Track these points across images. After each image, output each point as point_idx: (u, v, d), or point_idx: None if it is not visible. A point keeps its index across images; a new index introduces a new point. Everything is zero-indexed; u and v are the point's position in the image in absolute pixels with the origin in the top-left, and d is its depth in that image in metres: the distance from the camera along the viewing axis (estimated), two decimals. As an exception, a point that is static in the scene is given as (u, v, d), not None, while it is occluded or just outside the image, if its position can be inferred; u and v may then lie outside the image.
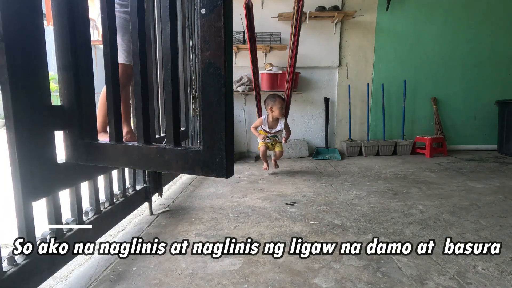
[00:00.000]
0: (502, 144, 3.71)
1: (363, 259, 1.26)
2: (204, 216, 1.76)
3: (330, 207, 1.90)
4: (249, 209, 1.88)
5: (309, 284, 1.09)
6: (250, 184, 2.48)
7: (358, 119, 3.92)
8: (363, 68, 3.84)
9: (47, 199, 1.03)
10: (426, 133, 3.92)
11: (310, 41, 3.70)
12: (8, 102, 0.84)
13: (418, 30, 3.79)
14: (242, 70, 3.74)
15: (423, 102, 3.94)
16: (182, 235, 1.50)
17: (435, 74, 3.89)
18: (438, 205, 1.91)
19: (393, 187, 2.33)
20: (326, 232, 1.53)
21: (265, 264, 1.23)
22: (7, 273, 0.84)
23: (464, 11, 3.78)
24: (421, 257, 1.27)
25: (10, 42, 0.82)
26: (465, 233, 1.50)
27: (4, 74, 0.82)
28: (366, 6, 3.69)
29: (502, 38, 3.85)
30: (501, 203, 1.94)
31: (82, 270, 1.21)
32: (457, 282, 1.09)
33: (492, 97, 3.90)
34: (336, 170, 2.96)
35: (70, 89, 1.02)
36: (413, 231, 1.53)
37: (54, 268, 1.04)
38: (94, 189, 1.31)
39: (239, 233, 1.53)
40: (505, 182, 2.45)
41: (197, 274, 1.16)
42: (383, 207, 1.89)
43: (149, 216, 1.77)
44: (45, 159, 0.95)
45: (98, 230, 1.30)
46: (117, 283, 1.11)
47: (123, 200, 1.54)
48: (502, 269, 1.17)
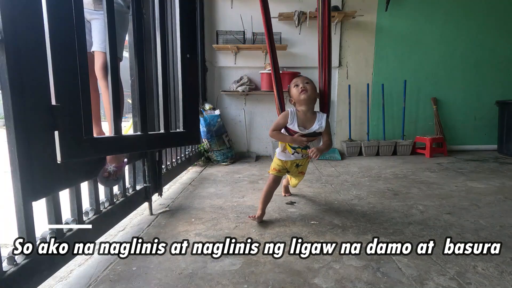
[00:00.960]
0: (502, 144, 3.71)
1: (363, 259, 1.26)
2: (204, 216, 1.76)
3: (330, 207, 1.90)
4: (249, 209, 1.88)
5: (309, 284, 1.09)
6: (250, 184, 2.48)
7: (358, 119, 3.92)
8: (363, 68, 3.84)
9: (47, 199, 1.03)
10: (426, 133, 3.92)
11: (310, 41, 3.70)
12: (8, 102, 0.83)
13: (418, 30, 3.79)
14: (242, 70, 3.74)
15: (423, 102, 3.94)
16: (182, 235, 1.50)
17: (435, 74, 3.89)
18: (438, 205, 1.91)
19: (393, 187, 2.33)
20: (326, 232, 1.53)
21: (265, 264, 1.23)
22: (7, 273, 0.85)
23: (464, 11, 3.78)
24: (421, 257, 1.27)
25: (10, 42, 0.82)
26: (465, 233, 1.50)
27: (4, 74, 0.82)
28: (366, 6, 3.69)
29: (502, 38, 3.85)
30: (501, 203, 1.94)
31: (82, 270, 1.21)
32: (457, 282, 1.09)
33: (492, 97, 3.90)
34: (336, 170, 2.96)
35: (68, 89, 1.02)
36: (413, 231, 1.53)
37: (54, 268, 1.04)
38: (94, 189, 1.31)
39: (239, 233, 1.53)
40: (505, 182, 2.44)
41: (197, 274, 1.16)
42: (383, 207, 1.89)
43: (149, 216, 1.77)
44: (45, 159, 0.95)
45: (98, 230, 1.31)
46: (117, 283, 1.11)
47: (123, 200, 1.54)
48: (502, 269, 1.17)
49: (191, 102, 1.56)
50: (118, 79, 1.23)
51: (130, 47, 1.63)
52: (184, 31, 1.47)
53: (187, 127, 1.53)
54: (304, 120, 1.62)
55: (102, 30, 1.57)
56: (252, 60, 3.70)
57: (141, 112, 1.37)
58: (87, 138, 1.07)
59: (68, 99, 1.01)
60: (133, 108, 1.68)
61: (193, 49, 1.54)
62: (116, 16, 1.61)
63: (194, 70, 1.57)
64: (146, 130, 1.39)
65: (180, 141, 1.66)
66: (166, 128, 1.47)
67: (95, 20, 1.43)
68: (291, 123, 1.61)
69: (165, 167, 2.18)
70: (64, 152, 1.00)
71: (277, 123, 1.64)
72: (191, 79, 1.53)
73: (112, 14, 1.16)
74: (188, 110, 1.53)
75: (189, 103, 1.53)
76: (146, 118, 1.40)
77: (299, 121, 1.61)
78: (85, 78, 1.07)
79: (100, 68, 1.38)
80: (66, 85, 1.00)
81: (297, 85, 1.61)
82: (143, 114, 1.38)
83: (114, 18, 1.17)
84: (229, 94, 3.73)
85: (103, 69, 1.61)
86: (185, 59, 1.48)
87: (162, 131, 1.46)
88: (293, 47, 3.69)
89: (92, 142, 1.10)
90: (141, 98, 1.37)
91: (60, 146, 0.99)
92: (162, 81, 1.43)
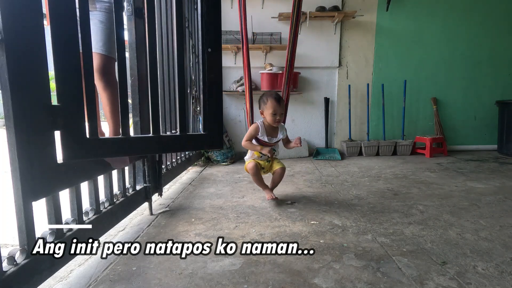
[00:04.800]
0: (502, 144, 3.71)
1: (363, 259, 1.26)
2: (204, 216, 1.76)
3: (330, 207, 1.90)
4: (249, 209, 1.88)
5: (309, 284, 1.09)
6: (250, 184, 2.48)
7: (358, 119, 3.92)
8: (363, 68, 3.84)
9: (47, 199, 1.03)
10: (426, 133, 3.92)
11: (310, 41, 3.70)
12: (8, 102, 0.83)
13: (418, 30, 3.79)
14: (242, 70, 3.73)
15: (423, 102, 3.94)
16: (182, 235, 1.50)
17: (435, 74, 3.89)
18: (438, 205, 1.91)
19: (393, 187, 2.33)
20: (326, 232, 1.53)
21: (265, 264, 1.23)
22: (7, 273, 0.84)
23: (464, 11, 3.78)
24: (421, 257, 1.27)
25: (10, 42, 0.82)
26: (465, 233, 1.50)
27: (4, 74, 0.82)
28: (366, 6, 3.69)
29: (502, 38, 3.85)
30: (501, 203, 1.94)
31: (82, 270, 1.20)
32: (457, 282, 1.09)
33: (492, 97, 3.90)
34: (336, 170, 2.96)
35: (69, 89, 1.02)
36: (413, 231, 1.53)
37: (54, 268, 1.04)
38: (94, 189, 1.31)
39: (239, 233, 1.53)
40: (505, 182, 2.44)
41: (197, 274, 1.16)
42: (383, 207, 1.89)
43: (149, 216, 1.77)
44: (45, 159, 0.95)
45: (98, 230, 1.31)
46: (117, 283, 1.11)
47: (123, 200, 1.54)
48: (502, 269, 1.17)
49: (213, 102, 1.39)
50: (120, 79, 1.23)
51: (131, 47, 1.63)
52: (206, 23, 1.34)
53: (208, 129, 1.39)
54: (271, 132, 1.97)
55: (97, 31, 1.56)
56: (252, 60, 3.66)
57: (152, 111, 1.31)
58: (90, 138, 1.07)
59: (69, 99, 1.01)
60: (134, 108, 1.68)
61: (216, 43, 1.37)
62: (108, 15, 1.61)
63: (217, 66, 1.39)
64: (158, 132, 1.33)
65: (198, 145, 1.49)
66: (182, 130, 1.37)
67: (90, 21, 1.43)
68: (261, 135, 1.93)
69: (165, 167, 2.18)
70: (66, 152, 1.00)
71: (249, 134, 1.94)
72: (212, 76, 1.37)
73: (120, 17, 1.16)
74: (210, 111, 1.38)
75: (210, 103, 1.38)
76: (158, 118, 1.34)
77: (267, 132, 1.95)
78: (90, 78, 1.07)
79: (95, 70, 1.37)
80: (67, 85, 1.00)
81: (275, 114, 1.88)
82: (155, 113, 1.32)
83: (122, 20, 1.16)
84: (229, 94, 3.73)
85: (98, 70, 1.60)
86: (206, 54, 1.35)
87: (178, 133, 1.38)
88: (293, 47, 3.69)
89: (96, 143, 1.09)
90: (152, 96, 1.31)
91: (62, 146, 1.00)
92: (179, 79, 1.35)
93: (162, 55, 2.13)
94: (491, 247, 1.35)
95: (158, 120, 1.35)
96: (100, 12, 1.61)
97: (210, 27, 1.35)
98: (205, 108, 1.38)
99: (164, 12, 2.13)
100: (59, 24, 0.97)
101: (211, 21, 1.34)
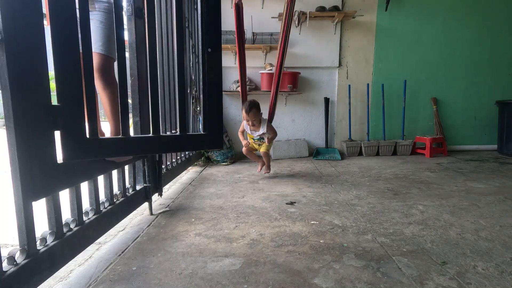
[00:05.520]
0: (502, 144, 3.71)
1: (363, 259, 1.26)
2: (204, 216, 1.76)
3: (330, 207, 1.90)
4: (249, 209, 1.88)
5: (309, 284, 1.09)
6: (250, 184, 2.48)
7: (358, 119, 3.92)
8: (363, 68, 3.84)
9: (47, 199, 1.03)
10: (426, 133, 3.92)
11: (310, 41, 3.70)
12: (8, 102, 0.83)
13: (418, 30, 3.79)
14: (242, 70, 3.74)
15: (423, 102, 3.94)
16: (182, 235, 1.50)
17: (435, 74, 3.89)
18: (438, 205, 1.91)
19: (393, 187, 2.33)
20: (326, 232, 1.53)
21: (265, 264, 1.23)
22: (7, 273, 0.84)
23: (464, 11, 3.78)
24: (421, 257, 1.27)
25: (10, 42, 0.82)
26: (465, 233, 1.50)
27: (4, 74, 0.82)
28: (366, 6, 3.69)
29: (502, 39, 3.85)
30: (501, 203, 1.94)
31: (82, 270, 1.20)
32: (457, 282, 1.09)
33: (492, 97, 3.90)
34: (336, 170, 2.96)
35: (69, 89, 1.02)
36: (413, 231, 1.53)
37: (54, 268, 1.04)
38: (94, 189, 1.31)
39: (239, 233, 1.53)
40: (505, 182, 2.44)
41: (197, 274, 1.16)
42: (383, 207, 1.89)
43: (149, 216, 1.77)
44: (45, 159, 0.95)
45: (98, 230, 1.31)
46: (117, 283, 1.11)
47: (123, 200, 1.54)
48: (502, 269, 1.17)
49: (213, 102, 1.39)
50: (120, 79, 1.23)
51: (131, 47, 1.63)
52: (206, 23, 1.34)
53: (208, 129, 1.40)
54: (253, 127, 2.61)
55: (96, 31, 1.56)
56: (252, 60, 3.70)
57: (152, 111, 1.31)
58: (90, 138, 1.07)
59: (69, 99, 1.01)
60: (134, 108, 1.68)
61: (216, 43, 1.37)
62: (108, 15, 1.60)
63: (217, 66, 1.39)
64: (158, 132, 1.33)
65: (198, 145, 1.48)
66: (182, 130, 1.37)
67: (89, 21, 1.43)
68: (247, 130, 2.65)
69: (165, 167, 2.18)
70: (66, 152, 1.00)
71: (241, 126, 2.72)
72: (212, 76, 1.37)
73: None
74: (210, 111, 1.38)
75: (210, 103, 1.38)
76: (158, 118, 1.34)
77: (250, 128, 2.62)
78: (90, 78, 1.07)
79: (95, 70, 1.37)
80: (67, 85, 1.00)
81: (247, 120, 2.52)
82: (155, 113, 1.32)
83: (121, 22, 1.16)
84: (229, 94, 3.73)
85: (98, 70, 1.60)
86: (206, 54, 1.35)
87: (178, 133, 1.38)
88: (293, 47, 3.69)
89: (96, 143, 1.09)
90: (152, 96, 1.31)
91: (62, 146, 0.99)
92: (179, 79, 1.36)
93: (162, 55, 2.14)
94: (491, 247, 1.35)
95: (158, 120, 1.35)
96: (99, 12, 1.61)
97: (210, 27, 1.34)
98: (205, 108, 1.38)
99: (164, 12, 2.13)
100: (59, 24, 0.97)
101: (211, 21, 1.34)
